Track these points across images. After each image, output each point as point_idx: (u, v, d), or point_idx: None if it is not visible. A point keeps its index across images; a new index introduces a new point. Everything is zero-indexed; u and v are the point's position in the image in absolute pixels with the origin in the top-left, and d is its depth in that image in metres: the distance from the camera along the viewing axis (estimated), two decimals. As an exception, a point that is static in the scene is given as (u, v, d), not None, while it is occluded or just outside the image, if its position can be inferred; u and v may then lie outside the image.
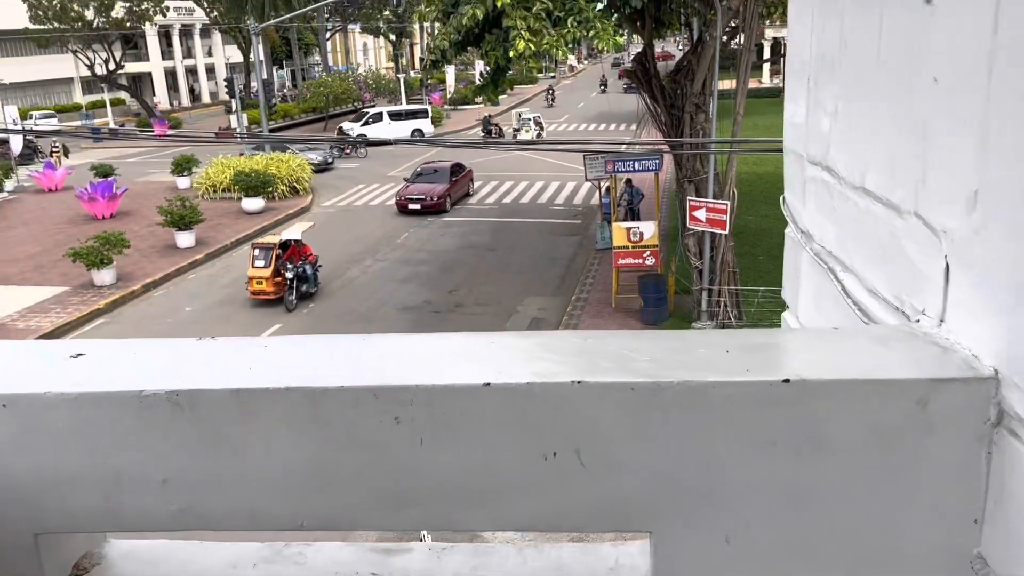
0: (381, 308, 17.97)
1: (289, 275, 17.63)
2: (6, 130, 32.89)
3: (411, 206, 26.26)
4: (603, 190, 22.23)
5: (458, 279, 19.87)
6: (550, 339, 1.01)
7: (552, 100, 57.56)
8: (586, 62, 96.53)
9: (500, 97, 62.74)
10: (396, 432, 0.89)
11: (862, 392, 0.87)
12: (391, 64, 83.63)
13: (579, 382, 0.88)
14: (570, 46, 13.08)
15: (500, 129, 42.17)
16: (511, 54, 11.77)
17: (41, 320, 17.57)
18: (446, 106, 57.81)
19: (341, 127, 43.36)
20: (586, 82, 64.60)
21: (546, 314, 17.31)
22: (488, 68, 13.31)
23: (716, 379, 0.87)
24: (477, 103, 56.33)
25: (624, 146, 24.22)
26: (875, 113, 1.20)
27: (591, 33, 11.58)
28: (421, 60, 20.43)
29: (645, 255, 16.65)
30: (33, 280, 20.55)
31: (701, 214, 14.24)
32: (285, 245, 18.38)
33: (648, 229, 16.77)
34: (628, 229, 16.79)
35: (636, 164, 17.13)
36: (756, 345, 0.99)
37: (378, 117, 41.76)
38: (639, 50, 17.01)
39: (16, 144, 33.02)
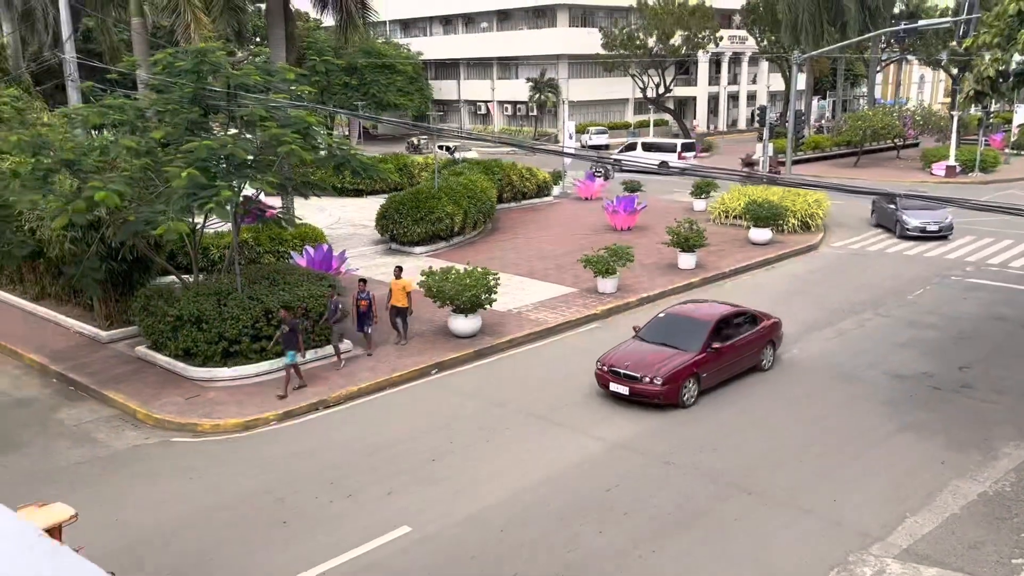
0: (869, 370, 16.11)
1: None
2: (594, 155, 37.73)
3: (614, 386, 14.38)
4: None
5: (973, 355, 16.84)
6: None
7: None
8: None
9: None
10: None
11: None
12: (947, 100, 75.72)
13: None
14: None
15: None
16: None
17: (548, 315, 19.68)
18: (1007, 150, 50.16)
19: None
20: None
21: (1087, 423, 13.65)
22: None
23: None
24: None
25: None
26: None
27: None
28: (966, 92, 17.18)
29: None
30: (551, 278, 23.19)
31: None
32: None
33: None
34: None
35: None
36: None
37: (632, 147, 48.13)
38: None
39: (567, 160, 37.73)
